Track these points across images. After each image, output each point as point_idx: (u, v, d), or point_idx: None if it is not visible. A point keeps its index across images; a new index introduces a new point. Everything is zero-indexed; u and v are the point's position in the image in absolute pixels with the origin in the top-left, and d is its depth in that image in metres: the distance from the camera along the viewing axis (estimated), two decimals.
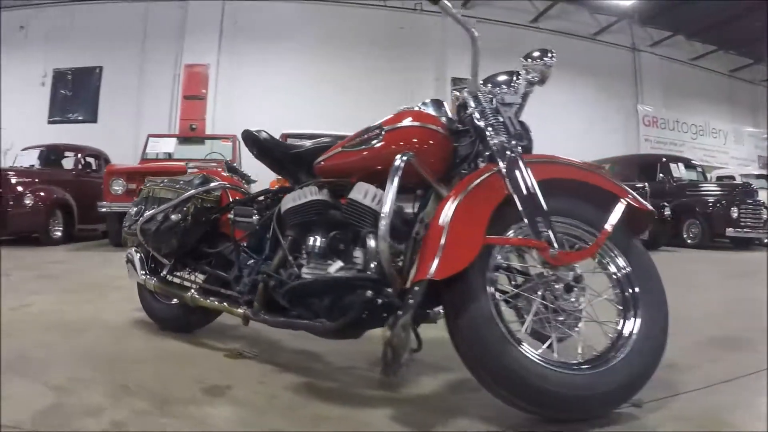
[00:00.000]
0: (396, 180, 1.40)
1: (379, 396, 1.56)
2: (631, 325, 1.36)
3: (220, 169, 2.46)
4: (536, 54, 1.60)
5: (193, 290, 2.11)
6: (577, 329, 1.38)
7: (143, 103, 11.39)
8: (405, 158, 1.43)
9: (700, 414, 1.35)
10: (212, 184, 2.22)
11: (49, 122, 12.01)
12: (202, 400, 1.49)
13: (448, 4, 1.48)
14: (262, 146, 2.04)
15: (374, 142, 1.61)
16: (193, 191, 2.16)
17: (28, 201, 6.80)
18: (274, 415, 1.39)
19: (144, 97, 11.47)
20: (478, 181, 1.40)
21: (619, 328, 1.39)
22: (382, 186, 1.52)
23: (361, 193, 1.57)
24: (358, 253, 1.55)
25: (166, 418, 1.36)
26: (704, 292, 4.08)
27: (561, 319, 1.36)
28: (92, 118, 11.98)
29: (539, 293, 1.38)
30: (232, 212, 2.07)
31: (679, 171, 9.75)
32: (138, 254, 2.42)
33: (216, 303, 1.99)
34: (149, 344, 2.16)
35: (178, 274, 2.32)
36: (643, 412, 1.34)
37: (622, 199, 1.41)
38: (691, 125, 15.44)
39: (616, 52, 14.12)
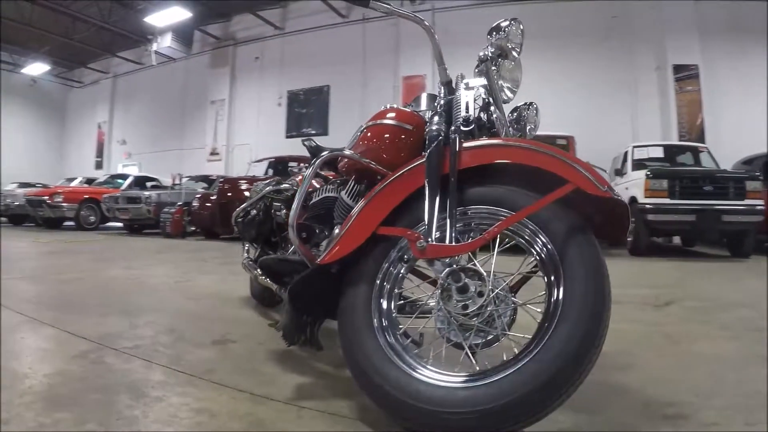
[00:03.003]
0: (309, 174, 1.71)
1: (319, 369, 1.80)
2: (532, 342, 1.18)
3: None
4: (501, 25, 1.63)
5: (258, 270, 2.72)
6: (478, 336, 1.29)
7: (368, 114, 13.11)
8: (325, 154, 1.72)
9: None
10: (282, 186, 2.80)
11: (287, 137, 14.86)
12: (203, 345, 2.05)
13: (383, 4, 1.57)
14: (310, 152, 2.54)
15: (355, 140, 1.90)
16: (263, 192, 2.77)
17: None
18: (230, 363, 1.83)
19: (368, 109, 13.26)
20: (404, 171, 1.45)
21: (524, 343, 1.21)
22: (368, 183, 1.81)
23: (345, 190, 1.86)
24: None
25: (166, 349, 1.96)
26: None
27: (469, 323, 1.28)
28: (324, 130, 14.42)
29: (436, 293, 1.33)
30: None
31: None
32: (246, 242, 3.17)
33: (268, 281, 2.54)
34: (232, 311, 2.86)
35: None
36: None
37: (568, 184, 1.24)
38: None
39: None
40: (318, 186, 2.85)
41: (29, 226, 13.01)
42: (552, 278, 1.22)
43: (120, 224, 11.71)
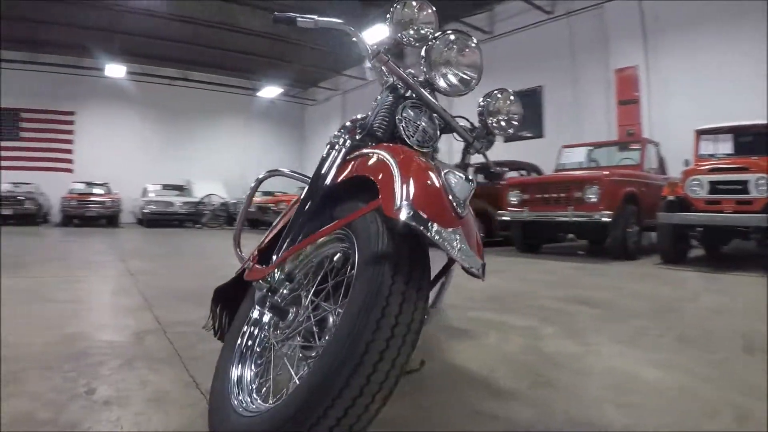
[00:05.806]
0: (249, 191, 2.06)
1: None
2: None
3: None
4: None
5: None
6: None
7: (581, 113, 12.81)
8: (265, 173, 1.99)
9: None
10: None
11: (505, 141, 15.12)
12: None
13: (307, 17, 1.70)
14: None
15: None
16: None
17: None
18: (215, 353, 2.36)
19: (581, 107, 12.91)
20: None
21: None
22: None
23: None
24: None
25: (194, 336, 2.61)
26: None
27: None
28: (539, 133, 14.33)
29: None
30: None
31: None
32: None
33: None
34: None
35: None
36: None
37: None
38: None
39: None
40: None
41: (263, 228, 15.82)
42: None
43: None
